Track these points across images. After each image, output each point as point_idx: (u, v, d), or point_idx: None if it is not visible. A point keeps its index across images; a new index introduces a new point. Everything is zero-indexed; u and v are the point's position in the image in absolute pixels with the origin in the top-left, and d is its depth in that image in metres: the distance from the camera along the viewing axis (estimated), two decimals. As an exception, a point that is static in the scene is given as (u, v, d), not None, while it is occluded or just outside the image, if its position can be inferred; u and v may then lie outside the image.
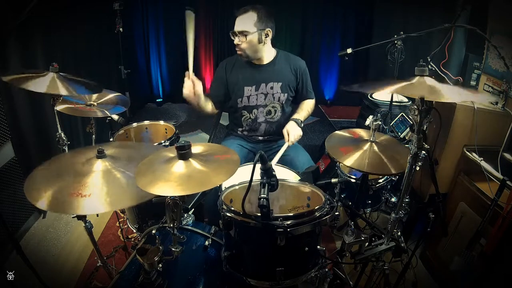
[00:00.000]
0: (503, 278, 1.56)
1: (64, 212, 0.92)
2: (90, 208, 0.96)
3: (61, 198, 0.95)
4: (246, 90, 2.01)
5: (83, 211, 0.99)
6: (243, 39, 1.88)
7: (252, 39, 1.88)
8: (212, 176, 1.02)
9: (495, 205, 1.57)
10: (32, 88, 1.31)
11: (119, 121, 1.87)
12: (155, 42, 4.66)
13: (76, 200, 0.95)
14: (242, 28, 1.86)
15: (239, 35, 1.88)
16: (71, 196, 0.96)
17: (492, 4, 2.05)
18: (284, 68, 2.05)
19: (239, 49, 1.92)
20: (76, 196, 0.96)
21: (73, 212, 0.93)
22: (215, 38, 4.65)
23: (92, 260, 2.04)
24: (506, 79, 1.88)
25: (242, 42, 1.89)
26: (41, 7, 2.14)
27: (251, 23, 1.85)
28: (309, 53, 4.76)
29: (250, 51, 1.92)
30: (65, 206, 0.94)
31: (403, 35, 2.04)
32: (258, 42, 1.91)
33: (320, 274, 1.29)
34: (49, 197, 0.96)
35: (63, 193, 0.97)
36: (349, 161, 1.35)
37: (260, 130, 2.12)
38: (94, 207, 0.96)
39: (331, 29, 4.65)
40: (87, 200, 0.95)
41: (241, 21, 1.87)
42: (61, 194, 0.97)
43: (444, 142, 1.94)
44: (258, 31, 1.87)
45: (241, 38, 1.88)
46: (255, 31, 1.86)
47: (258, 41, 1.90)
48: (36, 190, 0.98)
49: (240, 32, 1.87)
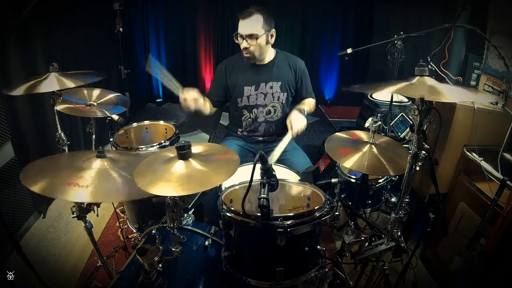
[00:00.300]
0: (503, 278, 1.56)
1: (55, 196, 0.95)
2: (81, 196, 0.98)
3: (56, 185, 0.98)
4: (246, 90, 2.02)
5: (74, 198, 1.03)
6: (253, 42, 1.86)
7: (261, 42, 1.88)
8: (212, 176, 1.02)
9: (495, 205, 1.57)
10: (43, 90, 1.33)
11: (119, 121, 1.87)
12: (155, 42, 4.66)
13: (69, 188, 0.97)
14: (251, 31, 1.84)
15: (247, 38, 1.86)
16: (67, 185, 0.98)
17: (492, 4, 2.05)
18: (283, 67, 2.05)
19: (248, 52, 1.90)
20: (73, 186, 0.98)
21: (64, 197, 0.95)
22: (215, 38, 4.65)
23: (92, 260, 2.04)
24: (506, 79, 1.88)
25: (251, 45, 1.87)
26: (41, 7, 2.15)
27: (259, 26, 1.84)
28: (309, 53, 4.76)
29: (259, 53, 1.92)
30: (57, 192, 0.96)
31: (403, 35, 2.04)
32: (265, 43, 1.91)
33: (320, 274, 1.29)
34: (44, 183, 0.98)
35: (59, 181, 0.99)
36: (349, 163, 1.34)
37: (259, 130, 2.12)
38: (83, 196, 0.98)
39: (331, 29, 4.65)
40: (80, 189, 0.97)
41: (248, 24, 1.84)
42: (56, 181, 0.99)
43: (444, 142, 1.94)
44: (265, 33, 1.87)
45: (251, 41, 1.86)
46: (263, 33, 1.86)
47: (265, 43, 1.91)
48: (32, 177, 1.00)
49: (249, 36, 1.85)
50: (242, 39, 1.88)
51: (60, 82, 1.38)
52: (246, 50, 1.90)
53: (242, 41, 1.88)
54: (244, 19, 1.85)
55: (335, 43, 4.68)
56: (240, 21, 1.87)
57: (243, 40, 1.87)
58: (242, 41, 1.88)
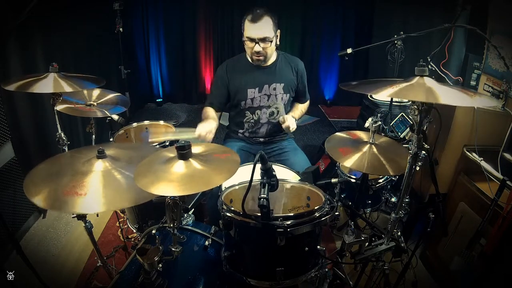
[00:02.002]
0: (503, 278, 1.56)
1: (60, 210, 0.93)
2: (86, 207, 0.96)
3: (58, 196, 0.96)
4: (249, 92, 2.00)
5: (79, 210, 1.00)
6: (267, 45, 1.86)
7: (273, 44, 1.89)
8: (213, 176, 1.02)
9: (495, 205, 1.57)
10: (37, 90, 1.32)
11: (119, 121, 1.87)
12: (155, 42, 4.66)
13: (72, 199, 0.95)
14: (264, 35, 1.83)
15: (259, 42, 1.84)
16: (67, 195, 0.96)
17: (492, 4, 2.05)
18: (285, 69, 2.05)
19: (261, 55, 1.89)
20: (72, 195, 0.96)
21: (69, 210, 0.94)
22: (215, 38, 4.64)
23: (92, 260, 2.04)
24: (506, 79, 1.88)
25: (266, 48, 1.87)
26: (41, 7, 2.15)
27: (270, 28, 1.84)
28: (309, 53, 4.76)
29: (270, 55, 1.94)
30: (61, 204, 0.95)
31: (403, 35, 2.04)
32: (275, 45, 1.92)
33: (320, 274, 1.29)
34: (46, 194, 0.96)
35: (60, 191, 0.97)
36: (349, 162, 1.35)
37: (261, 131, 2.11)
38: (89, 206, 0.96)
39: (331, 29, 4.65)
40: (83, 199, 0.96)
41: (260, 27, 1.82)
42: (58, 192, 0.97)
43: (444, 142, 1.94)
44: (275, 35, 1.88)
45: (264, 45, 1.85)
46: (273, 35, 1.86)
47: (275, 44, 1.92)
48: (34, 187, 0.99)
49: (262, 39, 1.84)
50: (253, 43, 1.86)
51: (57, 85, 1.36)
52: (258, 54, 1.89)
53: (253, 45, 1.86)
54: (255, 23, 1.81)
55: (335, 43, 4.69)
56: (250, 24, 1.82)
57: (255, 44, 1.85)
58: (253, 45, 1.86)
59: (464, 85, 2.21)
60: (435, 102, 0.97)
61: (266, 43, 1.85)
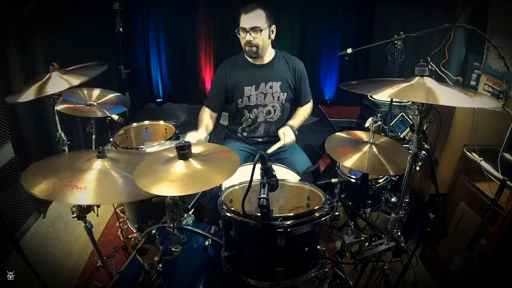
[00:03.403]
0: (503, 278, 1.56)
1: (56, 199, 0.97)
2: (82, 199, 0.98)
3: (57, 188, 0.98)
4: (246, 90, 2.01)
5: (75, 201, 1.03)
6: (257, 35, 1.89)
7: (264, 35, 1.91)
8: (213, 175, 1.02)
9: (495, 205, 1.57)
10: (49, 92, 1.32)
11: (119, 121, 1.87)
12: (155, 42, 4.66)
13: (70, 191, 0.97)
14: (254, 24, 1.86)
15: (250, 31, 1.88)
16: (66, 187, 0.98)
17: (492, 4, 2.05)
18: (283, 67, 2.05)
19: (252, 44, 1.91)
20: (71, 188, 0.98)
21: (65, 200, 0.96)
22: (215, 38, 4.63)
23: (92, 260, 2.04)
24: (506, 79, 1.88)
25: (255, 38, 1.89)
26: (41, 7, 2.14)
27: (262, 19, 1.87)
28: (309, 53, 4.75)
29: (262, 46, 1.94)
30: (58, 195, 0.97)
31: (403, 35, 2.03)
32: (267, 38, 1.94)
33: (320, 274, 1.29)
34: (46, 186, 0.98)
35: (60, 184, 0.99)
36: (349, 162, 1.35)
37: (259, 131, 2.12)
38: (85, 199, 0.98)
39: (331, 29, 4.65)
40: (81, 192, 0.97)
41: (251, 17, 1.87)
42: (57, 184, 0.99)
43: (444, 142, 1.94)
44: (268, 27, 1.90)
45: (254, 34, 1.88)
46: (266, 26, 1.89)
47: (267, 37, 1.94)
48: (32, 179, 1.00)
49: (253, 28, 1.87)
50: (245, 33, 1.90)
51: (65, 81, 1.36)
52: (249, 44, 1.92)
53: (245, 35, 1.90)
54: (247, 13, 1.87)
55: (335, 43, 4.68)
56: (243, 15, 1.89)
57: (246, 34, 1.89)
58: (245, 35, 1.90)
59: (464, 85, 2.21)
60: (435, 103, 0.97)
61: (257, 32, 1.87)
